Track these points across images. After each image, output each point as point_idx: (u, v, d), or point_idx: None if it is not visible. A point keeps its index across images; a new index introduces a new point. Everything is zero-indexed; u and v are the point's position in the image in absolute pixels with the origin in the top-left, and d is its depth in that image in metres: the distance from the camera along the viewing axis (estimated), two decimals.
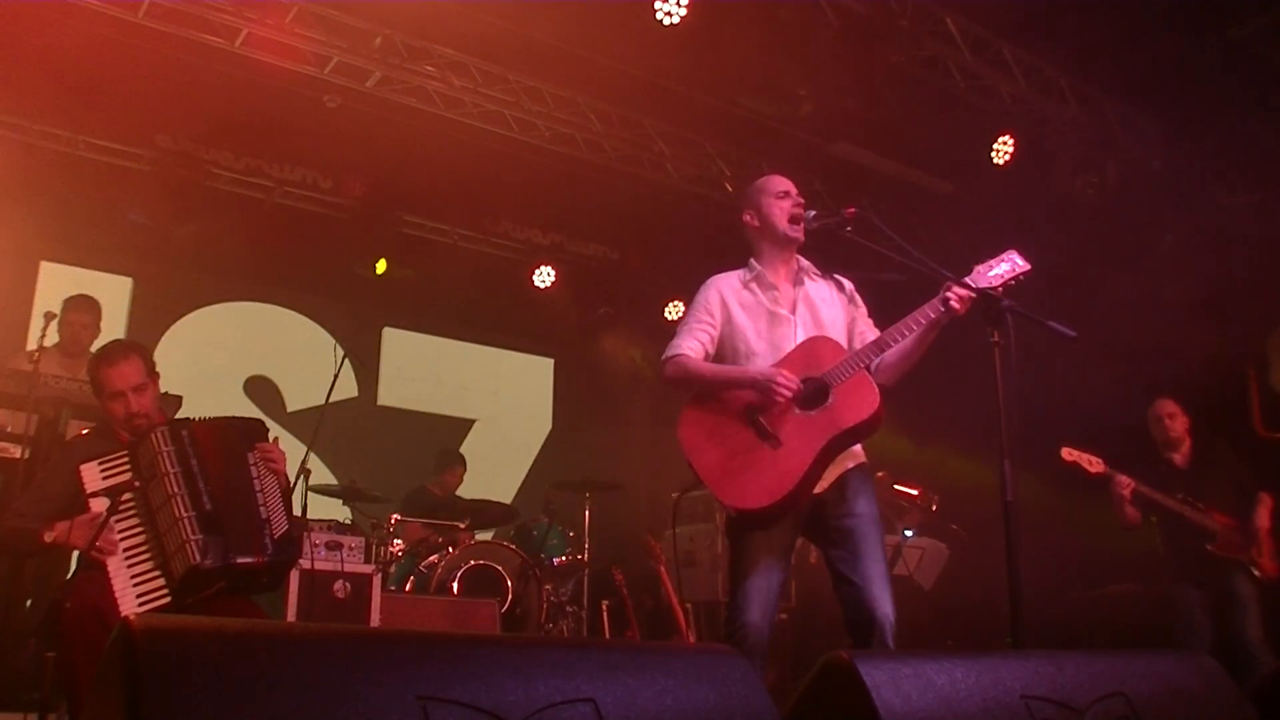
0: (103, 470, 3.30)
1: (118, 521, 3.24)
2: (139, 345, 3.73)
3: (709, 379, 3.32)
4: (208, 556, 3.19)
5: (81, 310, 5.81)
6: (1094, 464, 5.03)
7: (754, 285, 3.42)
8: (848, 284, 3.54)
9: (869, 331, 3.46)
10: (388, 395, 8.84)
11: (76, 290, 6.08)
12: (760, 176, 3.65)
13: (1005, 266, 3.26)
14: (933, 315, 3.19)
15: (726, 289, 3.44)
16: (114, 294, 7.60)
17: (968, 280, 3.21)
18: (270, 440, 3.56)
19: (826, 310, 3.43)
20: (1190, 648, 4.82)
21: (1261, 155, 6.48)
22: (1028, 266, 3.27)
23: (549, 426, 9.68)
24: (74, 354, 5.62)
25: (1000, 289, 3.20)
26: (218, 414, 3.60)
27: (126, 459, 3.34)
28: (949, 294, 3.17)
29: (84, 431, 4.03)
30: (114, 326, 7.43)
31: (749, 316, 3.39)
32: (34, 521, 3.32)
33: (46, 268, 7.43)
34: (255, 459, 3.45)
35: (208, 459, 3.36)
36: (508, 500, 7.13)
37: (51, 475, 3.47)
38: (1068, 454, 5.04)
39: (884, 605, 3.07)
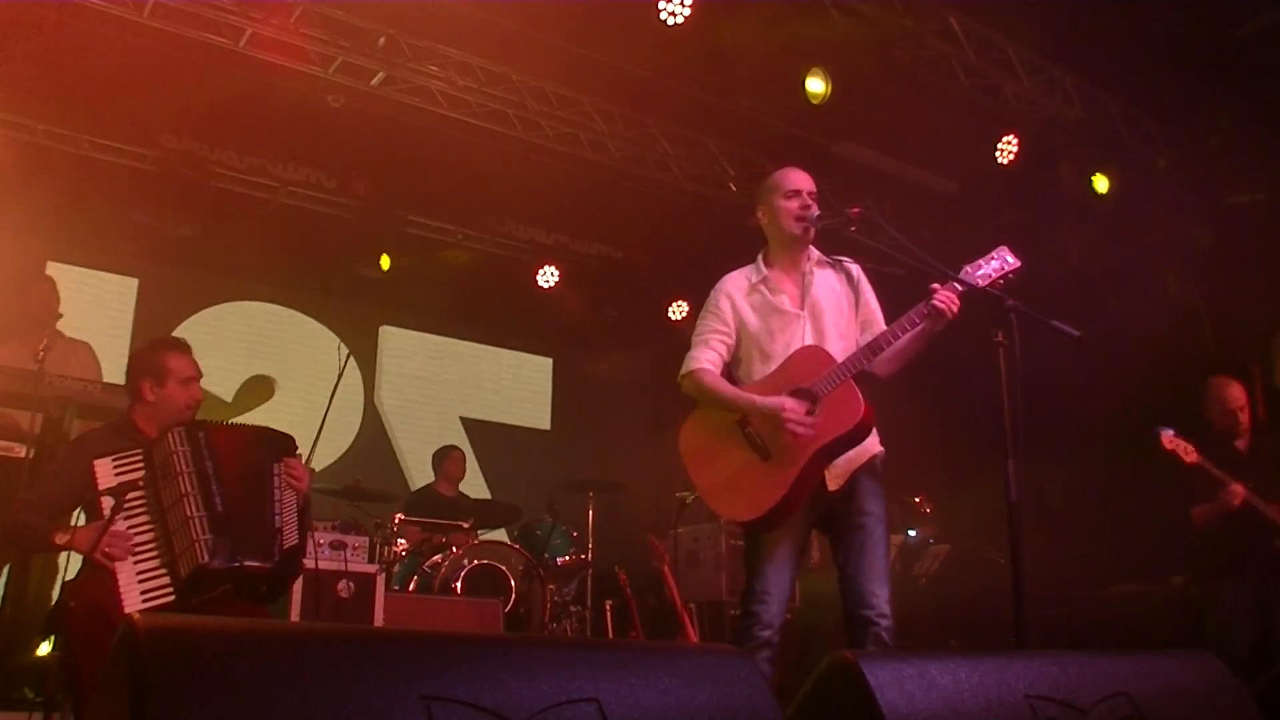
0: (116, 466, 3.30)
1: (127, 518, 3.24)
2: None
3: (719, 400, 3.33)
4: (216, 557, 3.18)
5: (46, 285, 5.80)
6: (1189, 453, 4.72)
7: (762, 287, 3.43)
8: (855, 269, 3.53)
9: (874, 318, 3.47)
10: (391, 395, 8.85)
11: (83, 290, 6.08)
12: (766, 176, 3.62)
13: (995, 264, 3.27)
14: (918, 320, 3.20)
15: (735, 291, 3.45)
16: (120, 294, 7.63)
17: (955, 281, 3.21)
18: (298, 457, 3.58)
19: (834, 301, 3.43)
20: (1233, 647, 4.65)
21: (1266, 154, 6.46)
22: (1018, 264, 3.27)
23: (552, 426, 9.67)
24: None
25: (999, 286, 3.21)
26: (221, 414, 3.61)
27: (140, 457, 3.34)
28: (936, 299, 3.17)
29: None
30: (120, 327, 7.44)
31: (760, 319, 3.41)
32: (43, 515, 3.32)
33: (53, 268, 7.44)
34: (279, 470, 3.47)
35: (225, 463, 3.36)
36: (509, 500, 7.12)
37: (62, 468, 3.46)
38: (1168, 441, 4.72)
39: (882, 604, 3.15)
